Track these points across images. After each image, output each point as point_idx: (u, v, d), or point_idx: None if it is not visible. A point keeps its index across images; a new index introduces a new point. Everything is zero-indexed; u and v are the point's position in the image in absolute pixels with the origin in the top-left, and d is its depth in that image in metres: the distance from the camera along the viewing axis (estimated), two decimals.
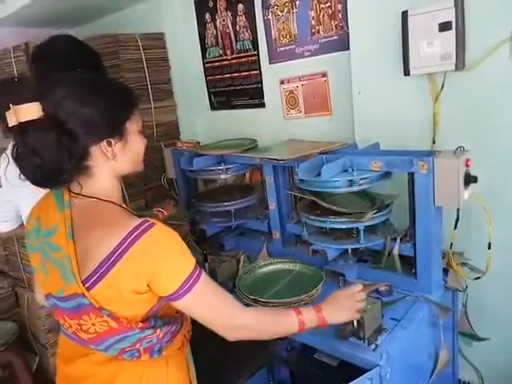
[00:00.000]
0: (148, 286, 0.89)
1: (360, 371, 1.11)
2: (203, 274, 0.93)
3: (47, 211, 0.96)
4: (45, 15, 2.42)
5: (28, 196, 1.09)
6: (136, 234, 0.85)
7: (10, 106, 0.85)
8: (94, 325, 0.89)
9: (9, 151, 1.01)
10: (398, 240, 1.41)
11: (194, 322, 1.02)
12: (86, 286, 0.86)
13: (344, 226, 1.41)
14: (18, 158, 0.87)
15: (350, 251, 1.53)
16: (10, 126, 0.86)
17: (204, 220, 1.89)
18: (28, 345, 2.30)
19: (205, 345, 1.74)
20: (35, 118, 0.85)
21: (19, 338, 2.21)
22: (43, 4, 2.20)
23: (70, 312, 0.92)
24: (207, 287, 0.93)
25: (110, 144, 0.92)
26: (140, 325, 0.91)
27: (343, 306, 1.08)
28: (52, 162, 0.86)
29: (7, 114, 0.86)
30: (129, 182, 1.83)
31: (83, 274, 0.86)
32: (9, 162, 0.95)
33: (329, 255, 1.44)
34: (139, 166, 1.02)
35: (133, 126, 0.97)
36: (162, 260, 0.87)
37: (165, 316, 0.99)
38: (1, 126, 0.93)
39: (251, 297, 1.37)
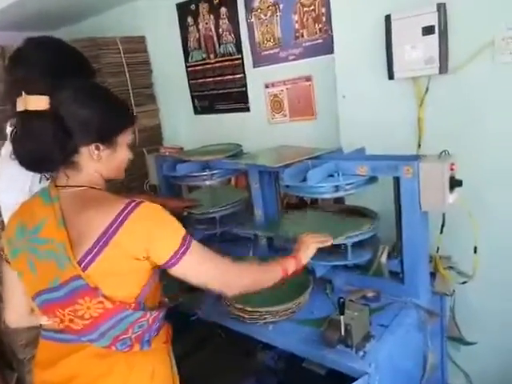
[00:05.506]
0: (146, 254, 0.96)
1: (349, 379, 1.09)
2: (194, 240, 1.01)
3: (31, 212, 1.02)
4: (22, 19, 2.37)
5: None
6: (128, 209, 0.94)
7: (23, 93, 0.93)
8: (89, 308, 0.94)
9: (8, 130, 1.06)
10: (386, 248, 1.40)
11: (180, 335, 1.00)
12: (82, 266, 0.92)
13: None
14: (15, 140, 0.97)
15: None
16: (17, 110, 0.95)
17: (189, 226, 1.86)
18: (5, 361, 2.22)
19: (193, 354, 1.71)
20: (42, 109, 0.93)
21: None
22: (20, 9, 2.14)
23: (64, 299, 0.95)
24: (199, 252, 1.02)
25: (98, 148, 1.00)
26: (133, 305, 0.98)
27: (310, 244, 1.27)
28: (44, 150, 0.95)
29: (18, 99, 0.94)
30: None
31: (78, 256, 0.93)
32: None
33: (317, 271, 1.42)
34: (120, 174, 1.11)
35: (123, 140, 1.06)
36: (156, 229, 0.96)
37: (151, 304, 1.06)
38: (10, 106, 1.03)
39: (238, 306, 1.34)
